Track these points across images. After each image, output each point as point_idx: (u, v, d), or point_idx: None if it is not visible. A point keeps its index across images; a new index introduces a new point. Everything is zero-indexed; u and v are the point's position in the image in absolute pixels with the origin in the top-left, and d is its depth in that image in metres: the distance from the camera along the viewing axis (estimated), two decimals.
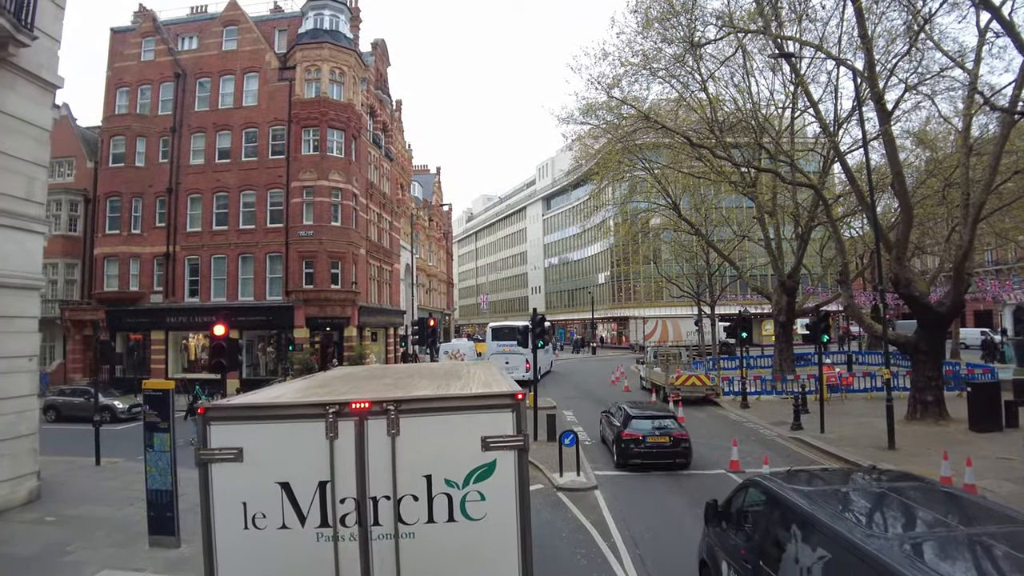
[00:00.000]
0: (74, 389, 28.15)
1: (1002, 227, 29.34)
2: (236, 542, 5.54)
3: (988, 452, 15.72)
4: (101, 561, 10.39)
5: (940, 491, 6.53)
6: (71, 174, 37.39)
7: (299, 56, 35.23)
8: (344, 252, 34.96)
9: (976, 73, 17.95)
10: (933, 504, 5.93)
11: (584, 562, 10.21)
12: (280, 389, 7.41)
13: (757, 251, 46.62)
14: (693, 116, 28.28)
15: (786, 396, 26.89)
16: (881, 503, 6.24)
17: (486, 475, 5.64)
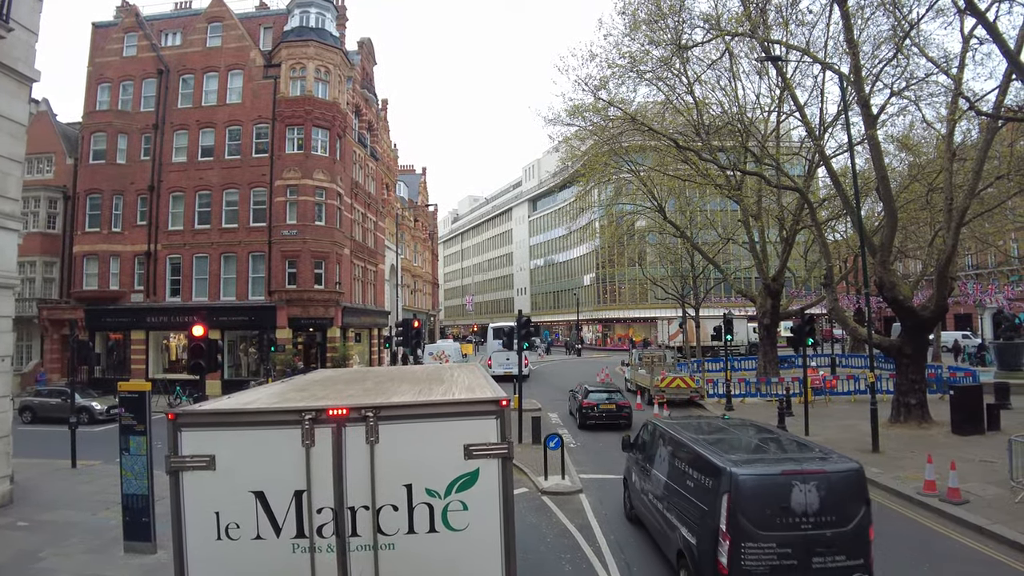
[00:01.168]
0: (51, 390, 27.67)
1: (983, 232, 29.62)
2: (209, 552, 5.37)
3: (971, 455, 15.79)
4: (74, 568, 10.14)
5: (752, 425, 10.91)
6: (50, 170, 36.78)
7: (284, 54, 34.89)
8: (328, 252, 34.66)
9: (960, 79, 18.04)
10: (741, 429, 10.45)
11: (569, 567, 10.09)
12: (256, 393, 7.22)
13: (742, 254, 46.90)
14: (680, 119, 28.30)
15: (770, 399, 26.95)
16: (709, 429, 10.83)
17: (469, 484, 5.50)
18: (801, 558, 7.37)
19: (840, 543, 7.44)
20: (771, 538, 7.39)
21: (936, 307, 20.28)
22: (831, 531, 7.45)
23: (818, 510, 7.47)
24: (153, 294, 34.78)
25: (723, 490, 7.68)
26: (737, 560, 7.39)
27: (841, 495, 7.61)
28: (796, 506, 7.46)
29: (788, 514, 7.45)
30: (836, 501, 7.54)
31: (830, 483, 7.63)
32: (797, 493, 7.50)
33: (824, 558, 7.39)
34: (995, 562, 9.97)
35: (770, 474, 7.85)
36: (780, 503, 7.48)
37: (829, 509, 7.49)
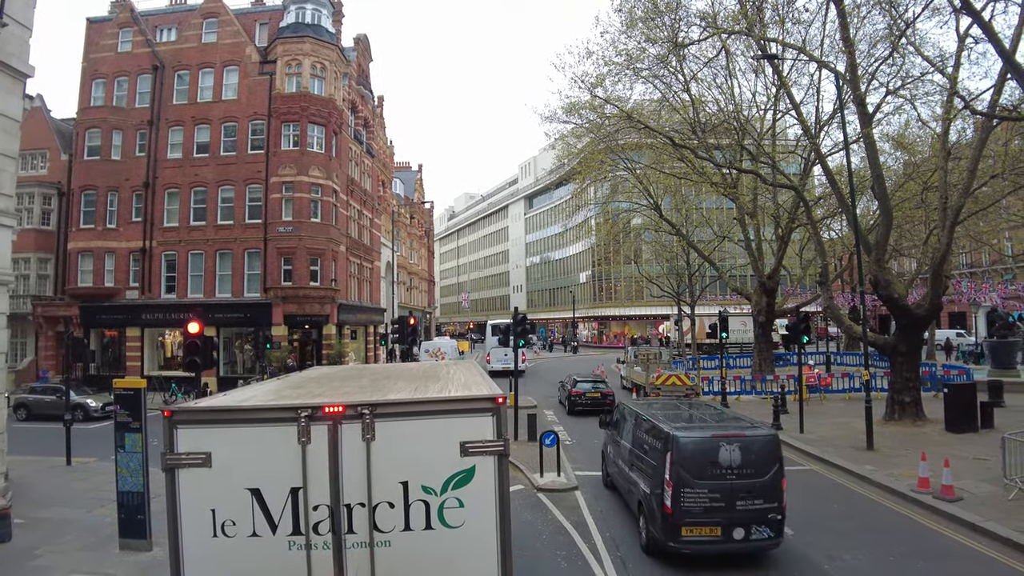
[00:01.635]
0: (45, 387, 27.54)
1: (978, 231, 29.74)
2: (204, 550, 5.36)
3: (965, 453, 15.87)
4: (70, 566, 10.12)
5: (706, 404, 14.39)
6: (44, 167, 36.62)
7: (280, 50, 34.78)
8: (324, 249, 34.60)
9: (955, 78, 18.10)
10: (696, 408, 13.06)
11: (564, 564, 10.11)
12: (252, 391, 7.21)
13: (737, 252, 46.98)
14: (676, 117, 28.33)
15: (765, 396, 27.02)
16: (668, 407, 13.02)
17: (465, 481, 5.50)
18: (727, 501, 9.52)
19: (758, 490, 9.58)
20: (704, 485, 9.57)
21: (931, 305, 20.35)
22: (750, 481, 9.58)
23: (740, 465, 9.61)
24: (148, 291, 34.69)
25: (667, 449, 9.92)
26: (678, 502, 9.58)
27: (759, 454, 9.73)
28: (723, 461, 9.61)
29: (717, 467, 9.60)
30: (755, 459, 9.67)
31: (750, 444, 9.78)
32: (723, 451, 9.66)
33: (745, 501, 9.55)
34: (988, 559, 10.03)
35: (703, 436, 10.03)
36: (710, 459, 9.64)
37: (749, 464, 9.63)
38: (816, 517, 12.12)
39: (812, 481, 14.96)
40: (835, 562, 9.98)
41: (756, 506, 9.58)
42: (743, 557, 9.97)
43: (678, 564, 9.94)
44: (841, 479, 15.04)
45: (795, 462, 16.96)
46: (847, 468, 15.45)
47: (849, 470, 15.32)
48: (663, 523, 9.82)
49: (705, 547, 9.75)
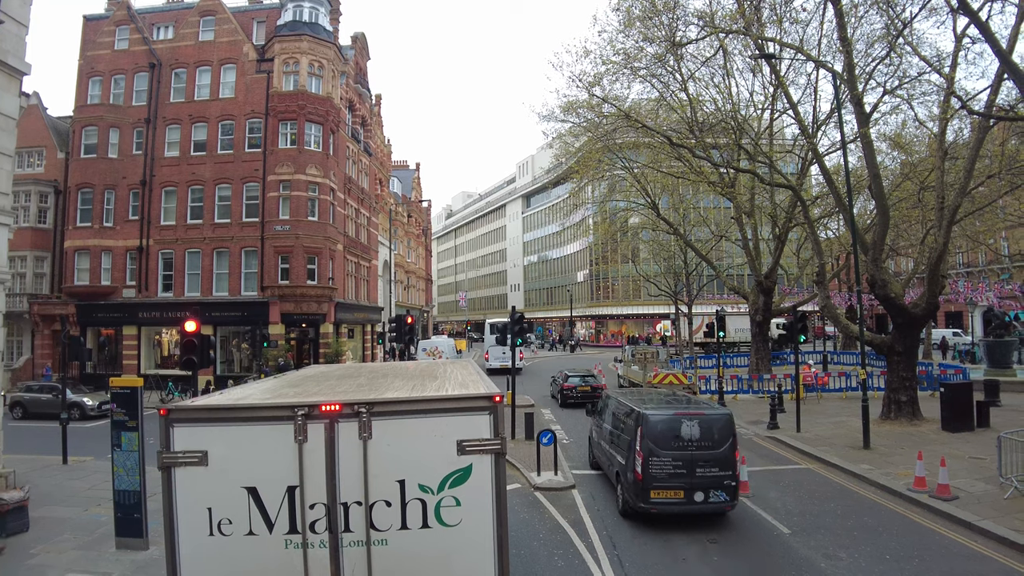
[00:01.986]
0: (41, 385, 27.50)
1: (974, 230, 29.81)
2: (201, 549, 5.36)
3: (961, 452, 15.91)
4: (66, 564, 10.11)
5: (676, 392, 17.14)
6: (41, 165, 36.52)
7: (277, 48, 34.73)
8: (321, 247, 34.57)
9: (952, 78, 18.11)
10: (665, 394, 15.39)
11: (561, 563, 10.11)
12: (248, 389, 7.20)
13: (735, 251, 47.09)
14: (673, 116, 28.35)
15: (762, 395, 27.09)
16: (642, 393, 15.79)
17: (461, 480, 5.50)
18: (688, 469, 11.25)
19: (715, 460, 11.28)
20: (668, 455, 11.31)
21: (927, 305, 20.39)
22: (708, 452, 11.29)
23: (699, 438, 11.35)
24: (145, 289, 34.63)
25: (638, 425, 11.70)
26: (647, 469, 11.31)
27: (715, 430, 11.47)
28: (684, 435, 11.36)
29: (679, 440, 11.36)
30: (712, 433, 11.41)
31: (707, 421, 11.52)
32: (685, 427, 11.42)
33: (704, 469, 11.24)
34: (983, 557, 10.05)
35: (668, 414, 11.77)
36: (674, 433, 11.38)
37: (707, 438, 11.37)
38: (813, 516, 12.15)
39: (809, 480, 14.98)
40: (832, 561, 10.01)
41: (713, 474, 11.28)
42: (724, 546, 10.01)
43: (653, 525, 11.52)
44: (838, 478, 15.06)
45: (792, 461, 17.01)
46: (844, 467, 15.48)
47: (846, 469, 15.35)
48: (635, 488, 11.54)
49: (670, 508, 11.41)
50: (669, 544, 10.83)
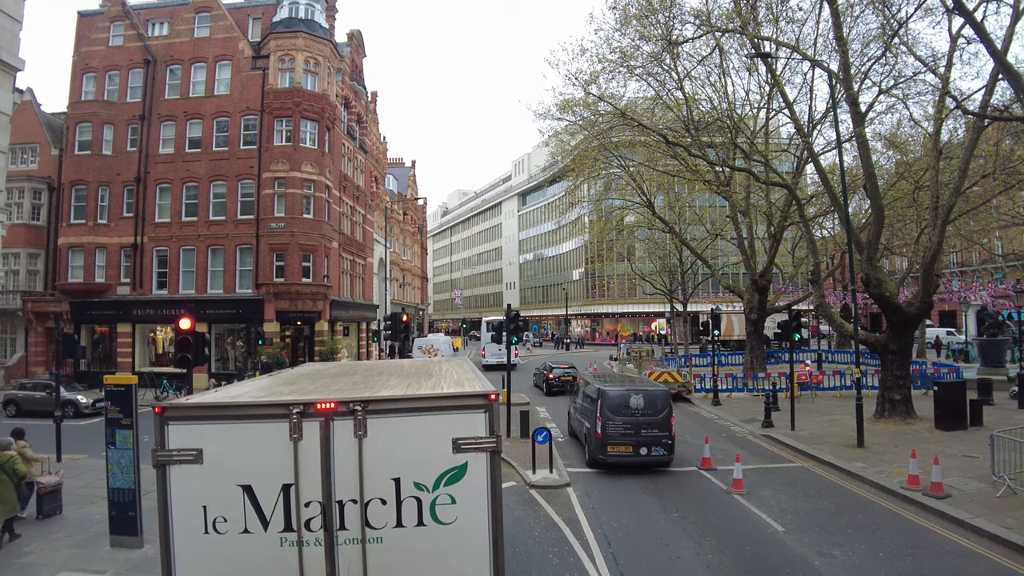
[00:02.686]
0: (35, 383, 27.39)
1: (968, 230, 29.91)
2: (196, 547, 5.34)
3: (954, 450, 15.99)
4: (60, 563, 10.07)
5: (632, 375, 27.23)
6: (34, 161, 36.34)
7: (273, 45, 34.63)
8: (316, 245, 34.50)
9: (947, 78, 18.17)
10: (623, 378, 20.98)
11: (556, 561, 10.13)
12: (243, 387, 7.19)
13: (730, 250, 47.13)
14: (669, 114, 28.36)
15: (757, 393, 27.16)
16: (605, 375, 21.08)
17: (457, 478, 5.50)
18: (635, 430, 15.18)
19: (655, 424, 15.22)
20: (619, 419, 15.20)
21: (921, 304, 20.47)
22: (650, 418, 15.21)
23: (643, 408, 15.26)
24: (140, 287, 34.52)
25: (598, 398, 15.59)
26: (605, 429, 15.25)
27: (656, 401, 15.43)
28: (632, 405, 15.30)
29: (628, 408, 15.27)
30: (654, 404, 15.37)
31: (649, 395, 15.55)
32: (633, 399, 15.38)
33: (647, 431, 15.19)
34: (976, 555, 10.11)
35: (620, 389, 15.80)
36: (624, 403, 15.32)
37: (649, 407, 15.28)
38: (807, 514, 12.19)
39: (803, 478, 15.04)
40: (825, 558, 10.05)
41: (654, 434, 15.22)
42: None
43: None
44: (832, 476, 15.12)
45: (786, 459, 17.07)
46: (838, 465, 15.53)
47: (840, 467, 15.40)
48: (596, 444, 15.50)
49: (622, 459, 15.28)
50: (664, 542, 10.86)
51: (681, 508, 12.68)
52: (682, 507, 12.74)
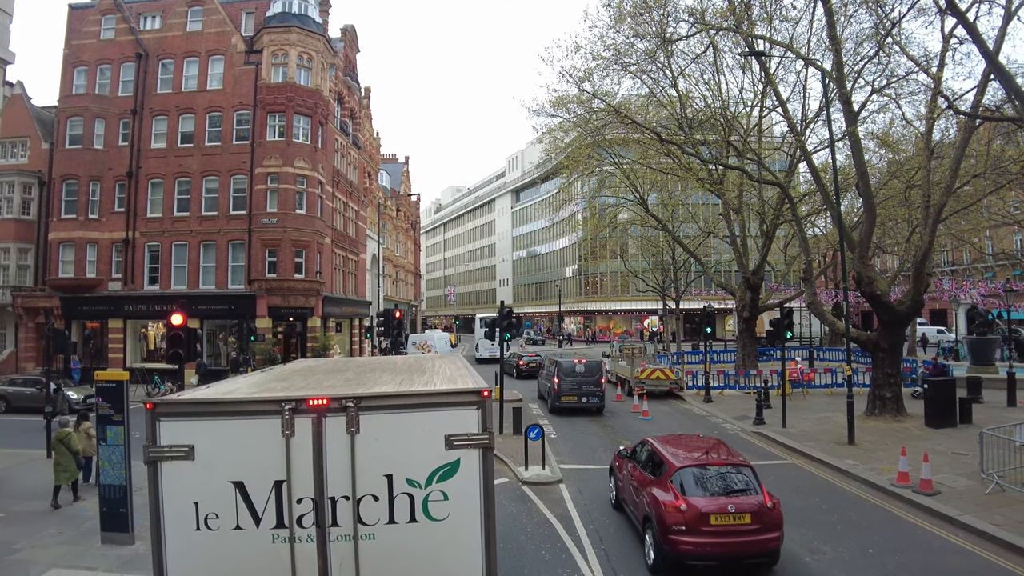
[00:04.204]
0: (25, 379, 27.23)
1: (959, 229, 30.09)
2: (188, 544, 5.33)
3: (944, 448, 16.11)
4: (50, 560, 10.04)
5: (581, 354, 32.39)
6: (25, 155, 36.05)
7: (266, 40, 34.44)
8: (309, 241, 34.39)
9: (939, 77, 18.26)
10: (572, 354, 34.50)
11: (549, 557, 10.16)
12: (235, 383, 7.17)
13: (722, 247, 47.26)
14: (663, 112, 28.43)
15: (748, 391, 27.26)
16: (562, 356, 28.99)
17: (449, 474, 5.50)
18: (579, 386, 23.51)
19: (591, 382, 23.58)
20: (569, 379, 23.63)
21: (912, 302, 20.58)
22: (588, 379, 23.58)
23: (584, 372, 23.67)
24: (131, 282, 34.33)
25: (556, 366, 24.39)
26: (560, 386, 23.61)
27: (591, 368, 23.84)
28: (577, 370, 23.69)
29: (575, 373, 23.69)
30: (591, 370, 23.79)
31: (588, 364, 23.99)
32: (577, 367, 23.77)
33: (586, 386, 23.49)
34: (965, 551, 10.19)
35: (569, 360, 24.64)
36: (573, 370, 23.76)
37: (588, 372, 23.71)
38: (797, 511, 12.25)
39: (794, 475, 15.12)
40: (816, 555, 10.11)
41: (590, 389, 23.59)
42: None
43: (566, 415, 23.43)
44: (822, 473, 15.21)
45: (777, 456, 17.15)
46: (828, 462, 15.63)
47: (830, 464, 15.49)
48: (554, 396, 23.93)
49: (571, 404, 23.62)
50: None
51: None
52: None
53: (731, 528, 9.01)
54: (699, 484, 9.55)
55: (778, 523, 9.29)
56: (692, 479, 9.59)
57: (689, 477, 9.61)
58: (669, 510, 9.21)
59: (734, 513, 9.09)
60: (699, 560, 9.07)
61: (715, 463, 10.03)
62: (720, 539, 8.99)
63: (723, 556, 9.05)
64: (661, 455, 10.39)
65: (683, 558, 9.10)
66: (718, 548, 9.00)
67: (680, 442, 11.54)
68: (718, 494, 9.40)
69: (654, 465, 10.46)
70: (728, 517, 9.07)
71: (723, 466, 9.96)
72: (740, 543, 9.03)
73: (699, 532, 8.96)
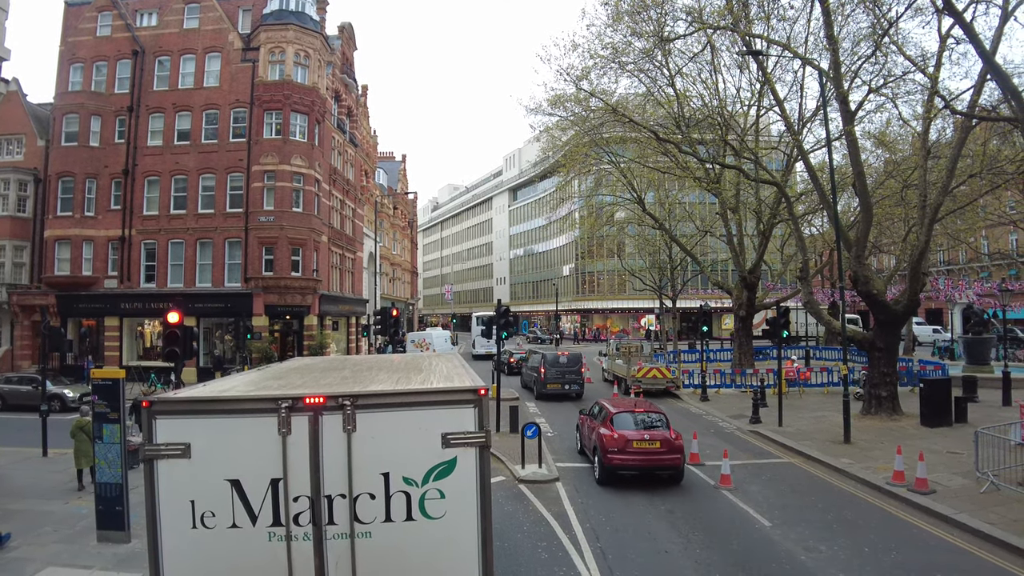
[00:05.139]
0: (21, 377, 27.16)
1: (955, 229, 30.18)
2: (184, 542, 5.32)
3: (939, 446, 16.15)
4: (46, 558, 10.02)
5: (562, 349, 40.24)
6: (20, 152, 35.91)
7: (263, 37, 34.35)
8: (305, 239, 34.34)
9: (936, 77, 18.29)
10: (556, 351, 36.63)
11: (545, 555, 10.16)
12: (232, 381, 7.15)
13: (719, 246, 47.31)
14: (660, 111, 28.43)
15: (745, 390, 27.31)
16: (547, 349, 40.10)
17: (446, 473, 5.50)
18: (562, 375, 27.19)
19: (572, 372, 27.31)
20: (554, 370, 27.30)
21: (909, 302, 20.64)
22: (570, 368, 27.36)
23: (567, 363, 27.57)
24: (127, 280, 34.24)
25: (543, 358, 28.31)
26: (546, 375, 27.23)
27: (573, 360, 27.78)
28: (560, 362, 27.71)
29: (559, 363, 27.53)
30: (573, 361, 27.75)
31: (570, 357, 27.99)
32: (560, 358, 27.92)
33: (570, 375, 27.26)
34: (960, 550, 10.22)
35: (553, 353, 29.31)
36: (557, 360, 27.82)
37: (570, 363, 27.62)
38: (794, 509, 12.29)
39: (790, 474, 15.15)
40: (811, 553, 10.14)
41: (573, 378, 27.07)
42: None
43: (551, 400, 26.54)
44: (818, 472, 15.25)
45: (773, 455, 17.19)
46: (824, 461, 15.66)
47: (826, 463, 15.53)
48: (540, 384, 27.24)
49: (555, 391, 26.86)
50: (653, 537, 10.93)
51: (669, 503, 12.75)
52: (670, 502, 12.81)
53: (646, 450, 13.72)
54: (626, 423, 14.22)
55: (680, 449, 13.82)
56: (622, 420, 14.33)
57: (620, 419, 14.36)
58: (607, 439, 13.94)
59: (648, 440, 13.77)
60: (626, 471, 13.77)
61: (638, 410, 14.83)
62: (639, 456, 13.69)
63: (641, 467, 13.75)
64: (605, 407, 15.33)
65: (616, 470, 13.80)
66: (638, 463, 13.71)
67: (619, 402, 17.02)
68: (639, 429, 14.05)
69: (601, 415, 15.10)
70: (644, 443, 13.75)
71: (643, 412, 14.73)
72: (652, 460, 13.72)
73: (625, 452, 13.64)
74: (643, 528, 11.32)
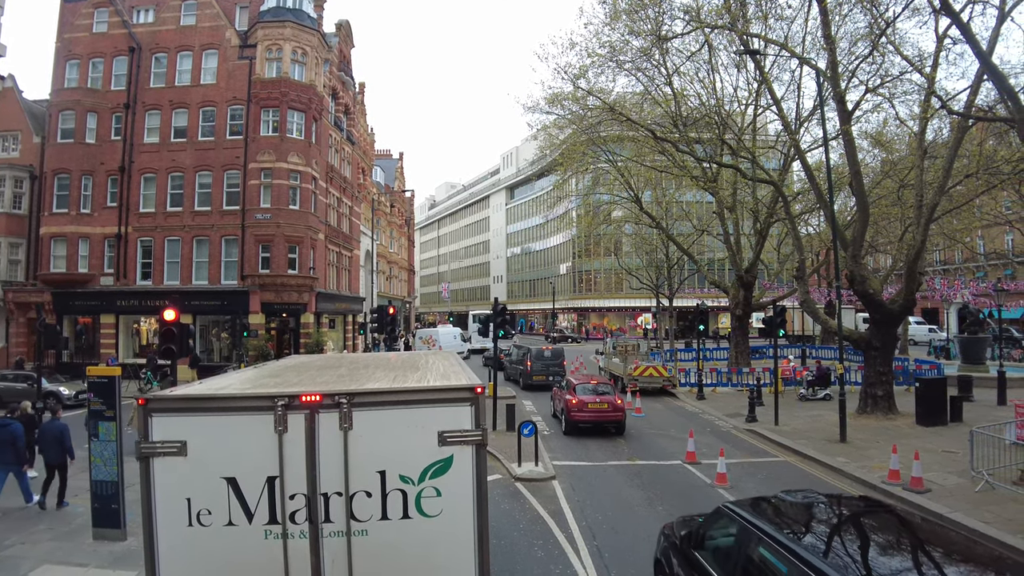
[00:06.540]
0: (16, 374, 27.06)
1: (951, 228, 30.24)
2: (180, 540, 5.32)
3: (935, 446, 16.19)
4: (41, 556, 9.98)
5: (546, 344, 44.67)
6: (16, 149, 35.80)
7: (260, 34, 34.29)
8: (302, 236, 34.30)
9: (933, 77, 18.31)
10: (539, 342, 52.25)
11: (541, 554, 10.17)
12: (228, 379, 7.14)
13: (716, 245, 47.40)
14: (658, 110, 28.42)
15: (741, 388, 27.36)
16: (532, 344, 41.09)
17: (442, 471, 5.51)
18: (547, 367, 30.34)
19: (555, 365, 30.46)
20: (539, 363, 30.68)
21: (905, 301, 20.68)
22: (554, 361, 30.64)
23: (550, 357, 30.94)
24: (123, 277, 34.17)
25: (529, 351, 31.61)
26: (531, 368, 30.59)
27: (555, 354, 31.30)
28: (545, 355, 31.15)
29: (543, 357, 31.02)
30: (556, 355, 31.14)
31: (553, 351, 31.69)
32: (545, 352, 31.81)
33: (553, 367, 30.25)
34: None
35: (539, 347, 32.62)
36: (542, 354, 31.28)
37: (553, 357, 30.96)
38: None
39: (786, 473, 15.17)
40: None
41: (556, 370, 29.85)
42: None
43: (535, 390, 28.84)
44: (814, 471, 15.27)
45: (769, 453, 17.21)
46: (820, 460, 15.69)
47: (822, 462, 15.56)
48: (527, 376, 30.45)
49: (540, 382, 29.55)
50: (649, 535, 10.93)
51: (666, 501, 12.77)
52: (667, 500, 12.83)
53: (598, 409, 18.90)
54: (585, 391, 19.53)
55: (621, 409, 19.23)
56: (582, 389, 19.69)
57: (580, 389, 19.77)
58: (571, 402, 19.18)
59: (599, 403, 18.96)
60: (584, 424, 19.02)
61: (593, 382, 20.87)
62: (593, 413, 18.91)
63: (595, 422, 19.01)
64: (571, 381, 21.13)
65: (577, 424, 19.05)
66: (593, 418, 18.95)
67: (580, 377, 24.51)
68: (593, 395, 19.29)
69: (568, 387, 20.49)
70: (597, 404, 18.96)
71: (597, 384, 20.62)
72: (602, 416, 18.94)
73: (583, 411, 18.89)
74: (640, 526, 11.33)
